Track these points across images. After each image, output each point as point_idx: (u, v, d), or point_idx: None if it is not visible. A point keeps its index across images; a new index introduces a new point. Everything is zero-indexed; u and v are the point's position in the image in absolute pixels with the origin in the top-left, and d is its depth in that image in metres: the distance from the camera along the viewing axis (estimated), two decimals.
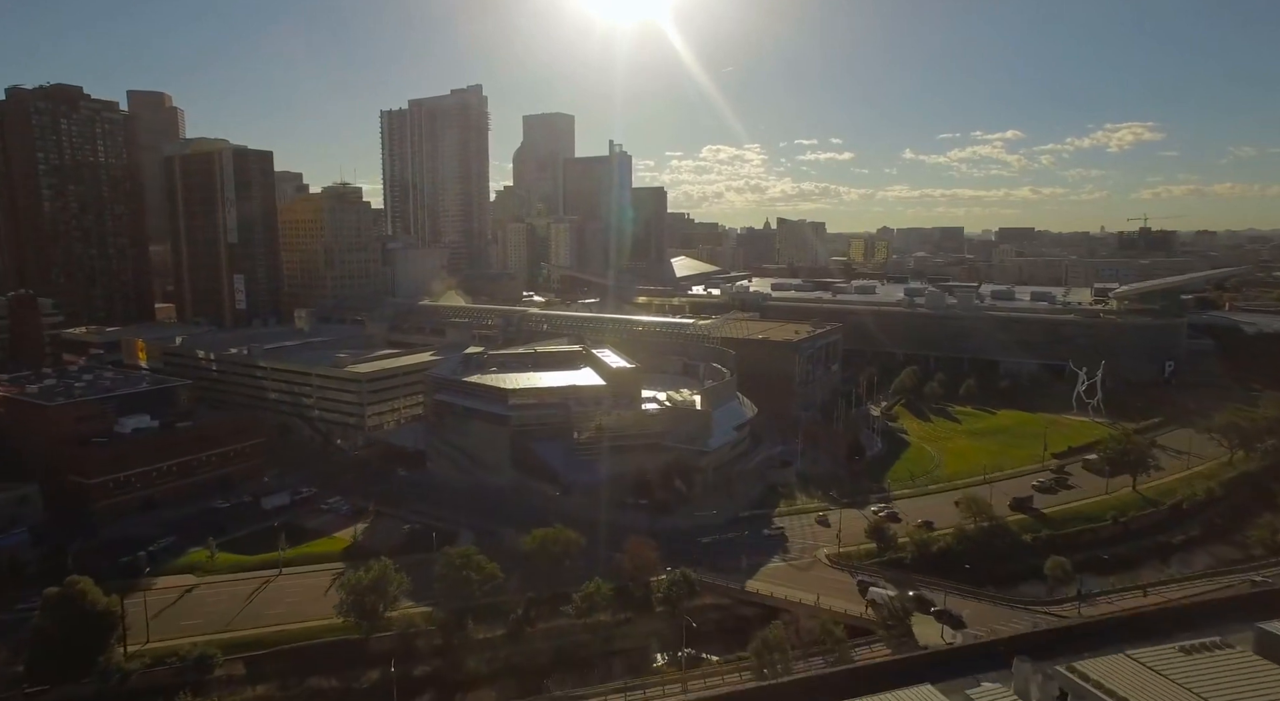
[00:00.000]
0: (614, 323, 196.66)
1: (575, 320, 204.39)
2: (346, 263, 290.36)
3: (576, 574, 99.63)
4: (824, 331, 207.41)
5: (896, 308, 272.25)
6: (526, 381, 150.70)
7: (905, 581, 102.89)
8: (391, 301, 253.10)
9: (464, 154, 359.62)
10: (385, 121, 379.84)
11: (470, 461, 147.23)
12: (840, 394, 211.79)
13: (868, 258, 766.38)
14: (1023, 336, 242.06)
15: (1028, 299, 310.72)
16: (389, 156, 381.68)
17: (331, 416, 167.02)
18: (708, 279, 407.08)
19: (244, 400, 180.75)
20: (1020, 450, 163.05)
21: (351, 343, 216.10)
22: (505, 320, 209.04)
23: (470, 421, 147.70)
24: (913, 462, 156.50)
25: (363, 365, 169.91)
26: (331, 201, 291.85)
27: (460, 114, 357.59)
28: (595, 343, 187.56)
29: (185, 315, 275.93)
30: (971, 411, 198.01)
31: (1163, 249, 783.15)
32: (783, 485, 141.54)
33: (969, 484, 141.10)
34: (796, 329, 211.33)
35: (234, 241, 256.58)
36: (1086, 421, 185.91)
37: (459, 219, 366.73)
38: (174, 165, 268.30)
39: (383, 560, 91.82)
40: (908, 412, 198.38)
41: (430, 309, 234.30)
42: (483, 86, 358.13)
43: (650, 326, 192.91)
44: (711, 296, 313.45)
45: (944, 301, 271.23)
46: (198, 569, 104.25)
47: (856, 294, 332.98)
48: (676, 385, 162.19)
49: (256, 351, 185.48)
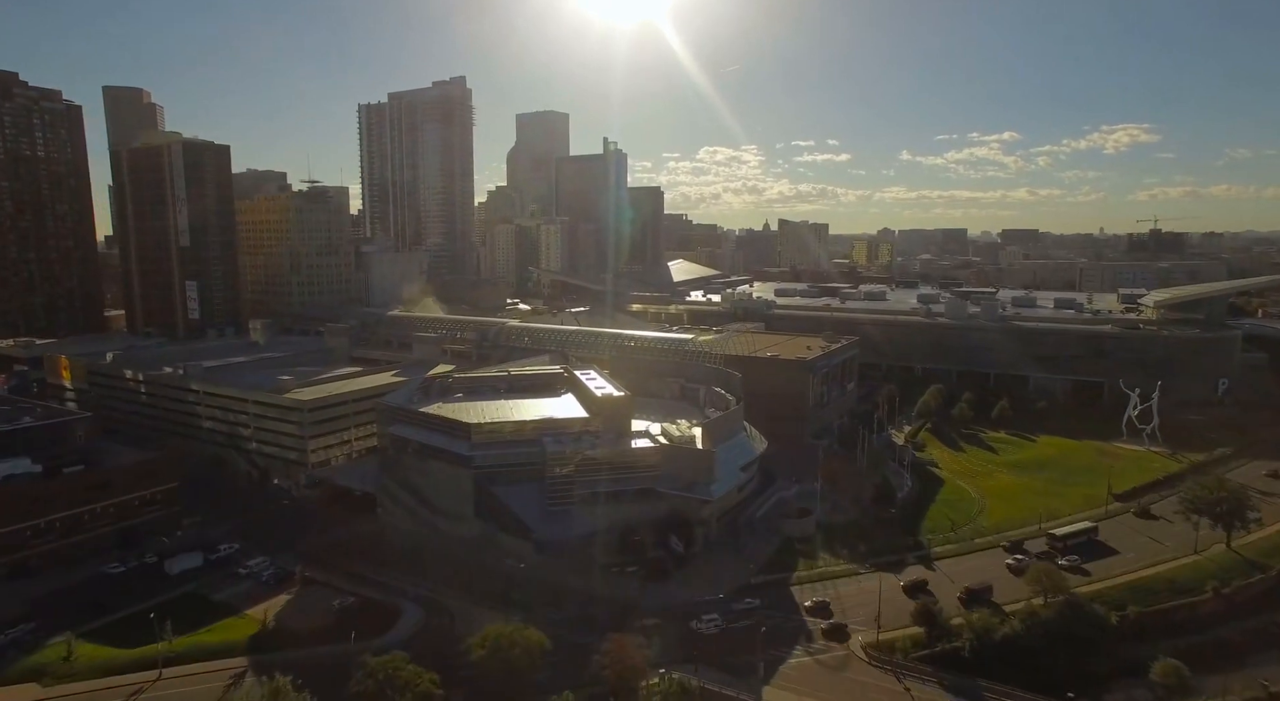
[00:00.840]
0: (603, 338, 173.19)
1: (560, 334, 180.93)
2: (315, 268, 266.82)
3: (542, 680, 76.46)
4: (839, 347, 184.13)
5: (914, 318, 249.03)
6: (495, 413, 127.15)
7: (968, 689, 79.60)
8: (358, 311, 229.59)
9: (446, 150, 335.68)
10: (363, 116, 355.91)
11: (427, 508, 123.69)
12: (858, 417, 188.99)
13: (871, 260, 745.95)
14: (1056, 350, 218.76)
15: (1051, 306, 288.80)
16: (367, 154, 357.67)
17: (270, 450, 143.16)
18: (707, 283, 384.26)
19: (175, 429, 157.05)
20: (1073, 488, 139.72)
21: (308, 358, 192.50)
22: (480, 334, 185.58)
23: (428, 461, 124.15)
24: (951, 506, 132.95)
25: (307, 390, 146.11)
26: (299, 201, 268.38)
27: (442, 107, 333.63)
28: (581, 361, 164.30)
29: (136, 325, 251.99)
30: (1007, 438, 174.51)
31: (1174, 251, 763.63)
32: (801, 539, 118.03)
33: (1024, 535, 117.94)
34: (809, 344, 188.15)
35: (186, 244, 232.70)
36: (1141, 451, 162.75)
37: (441, 220, 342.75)
38: (121, 160, 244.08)
39: (277, 679, 68.18)
40: (935, 440, 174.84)
41: (399, 320, 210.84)
42: (466, 78, 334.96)
43: (644, 342, 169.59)
44: (711, 304, 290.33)
45: (965, 311, 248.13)
46: (46, 673, 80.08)
47: (866, 300, 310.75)
48: (673, 414, 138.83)
49: (194, 371, 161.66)
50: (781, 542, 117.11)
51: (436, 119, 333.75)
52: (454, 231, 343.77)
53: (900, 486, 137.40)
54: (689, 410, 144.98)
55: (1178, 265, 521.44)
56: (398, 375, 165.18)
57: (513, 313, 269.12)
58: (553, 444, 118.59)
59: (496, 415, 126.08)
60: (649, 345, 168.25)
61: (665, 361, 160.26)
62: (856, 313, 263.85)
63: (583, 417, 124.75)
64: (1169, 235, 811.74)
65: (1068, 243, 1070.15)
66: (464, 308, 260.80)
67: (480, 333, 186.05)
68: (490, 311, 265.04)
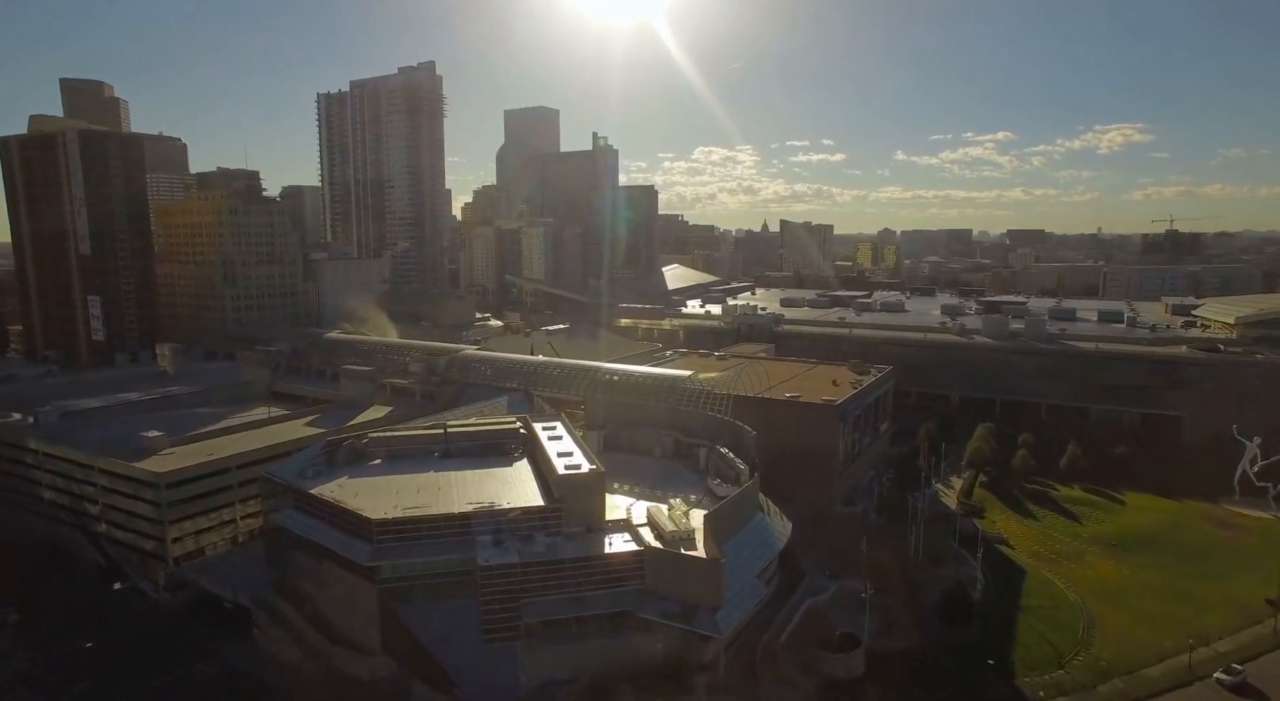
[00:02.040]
0: (578, 373, 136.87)
1: (525, 367, 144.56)
2: (254, 279, 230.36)
3: None
4: (873, 381, 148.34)
5: (948, 337, 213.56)
6: (417, 494, 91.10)
7: None
8: (293, 331, 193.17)
9: (414, 145, 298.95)
10: (322, 107, 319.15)
11: (321, 633, 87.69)
12: (893, 464, 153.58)
13: (876, 263, 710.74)
14: (1123, 379, 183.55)
15: (1095, 319, 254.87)
16: (327, 149, 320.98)
17: (123, 535, 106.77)
18: (705, 291, 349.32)
19: (14, 499, 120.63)
20: (1204, 583, 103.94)
21: (219, 395, 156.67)
22: (428, 364, 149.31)
23: (323, 564, 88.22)
24: (1045, 617, 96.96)
25: (178, 452, 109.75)
26: (235, 201, 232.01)
27: (408, 96, 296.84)
28: (550, 402, 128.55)
29: (36, 348, 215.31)
30: (1085, 497, 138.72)
31: (1192, 252, 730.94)
32: (847, 681, 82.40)
33: (1175, 686, 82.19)
34: (833, 375, 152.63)
35: (87, 252, 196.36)
36: (1269, 518, 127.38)
37: (409, 223, 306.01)
38: (10, 151, 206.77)
39: None
40: (995, 499, 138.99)
41: (337, 344, 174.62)
42: (435, 63, 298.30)
43: (630, 380, 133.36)
44: (710, 317, 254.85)
45: (1005, 328, 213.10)
46: None
47: (884, 312, 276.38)
48: (665, 483, 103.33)
49: (48, 418, 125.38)
50: (818, 692, 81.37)
51: (402, 109, 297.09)
52: (423, 236, 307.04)
53: (972, 585, 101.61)
54: (686, 479, 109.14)
55: (1207, 269, 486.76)
56: (313, 423, 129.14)
57: (481, 330, 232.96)
58: (489, 546, 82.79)
59: (417, 499, 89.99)
60: (636, 383, 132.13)
61: (656, 407, 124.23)
62: (878, 329, 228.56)
63: (538, 505, 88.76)
64: (1186, 236, 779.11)
65: (1072, 243, 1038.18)
66: (423, 325, 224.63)
67: (428, 363, 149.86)
68: (456, 328, 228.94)
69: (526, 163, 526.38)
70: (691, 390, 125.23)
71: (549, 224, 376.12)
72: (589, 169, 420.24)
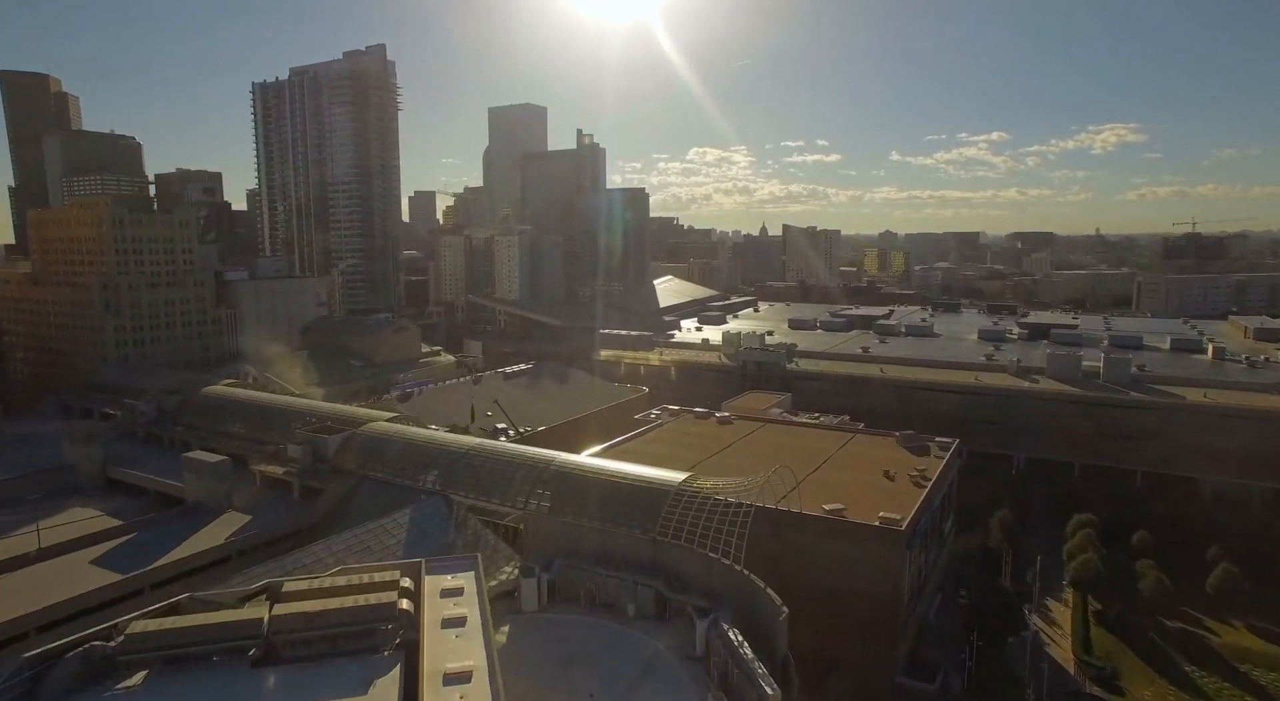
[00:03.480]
0: (521, 467, 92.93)
1: (448, 453, 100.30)
2: (147, 306, 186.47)
3: None
4: (941, 473, 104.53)
5: (1004, 379, 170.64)
6: None
7: None
8: (166, 379, 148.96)
9: (361, 141, 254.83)
10: (257, 98, 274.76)
11: None
12: (965, 582, 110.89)
13: (883, 269, 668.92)
14: (1252, 441, 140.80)
15: (1166, 347, 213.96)
16: (265, 147, 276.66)
17: None
18: (702, 308, 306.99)
19: None
20: None
21: (39, 483, 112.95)
22: (313, 446, 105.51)
23: None
24: None
25: None
26: (120, 209, 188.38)
27: (354, 85, 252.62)
28: (474, 520, 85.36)
29: None
30: (1256, 645, 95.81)
31: (1216, 257, 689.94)
32: None
33: None
34: (883, 458, 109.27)
35: None
36: None
37: (357, 234, 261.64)
38: None
39: None
40: (1124, 649, 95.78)
41: (215, 402, 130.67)
42: (386, 47, 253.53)
43: (594, 482, 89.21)
44: (709, 348, 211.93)
45: (1078, 369, 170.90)
46: None
47: (910, 336, 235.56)
48: None
49: None
50: None
51: (347, 100, 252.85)
52: (372, 247, 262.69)
53: None
54: (672, 682, 65.56)
55: (1253, 278, 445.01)
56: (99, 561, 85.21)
57: (427, 369, 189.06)
58: None
59: None
60: (602, 490, 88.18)
61: (629, 538, 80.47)
62: (912, 366, 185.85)
63: None
64: (1210, 239, 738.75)
65: (1080, 245, 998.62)
66: (354, 364, 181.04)
67: (314, 444, 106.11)
68: (395, 367, 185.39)
69: (512, 164, 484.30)
70: (687, 500, 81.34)
71: (526, 232, 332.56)
72: (572, 171, 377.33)
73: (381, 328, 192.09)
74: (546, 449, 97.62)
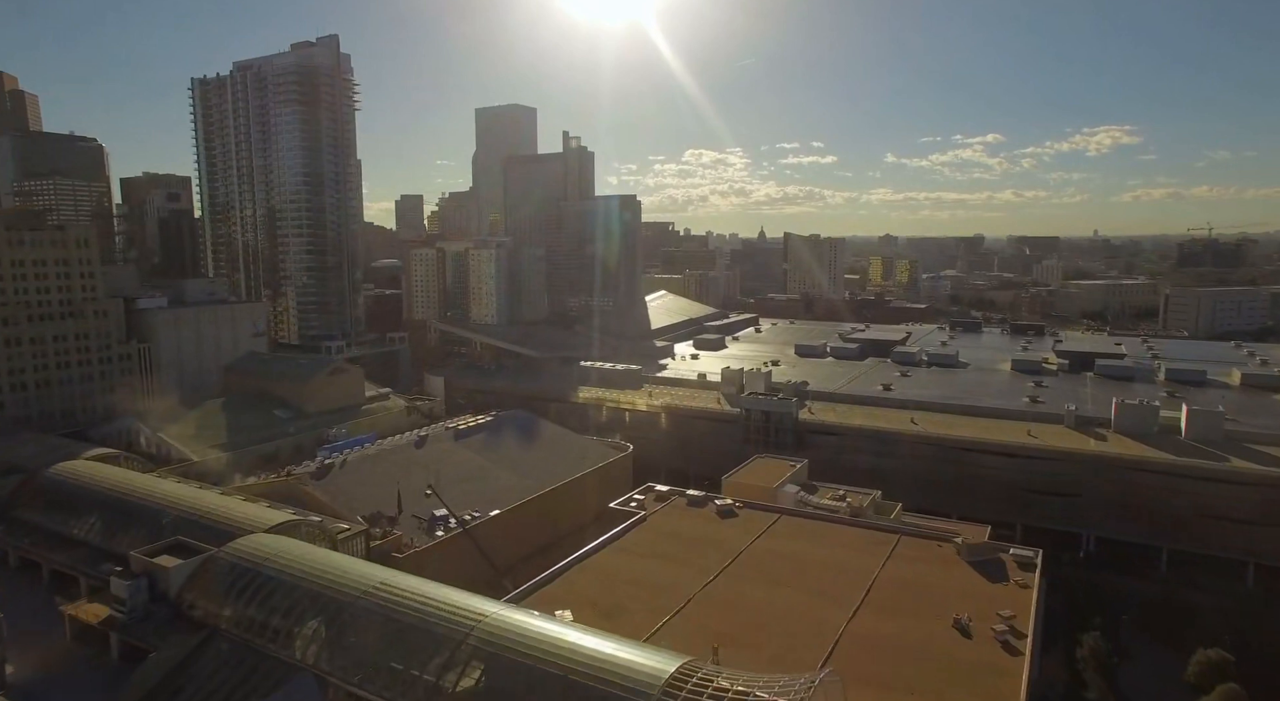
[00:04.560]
0: (438, 637, 62.33)
1: (336, 604, 68.92)
2: (31, 344, 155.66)
3: None
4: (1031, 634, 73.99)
5: (1065, 441, 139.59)
6: None
7: None
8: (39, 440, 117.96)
9: (311, 144, 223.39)
10: (196, 95, 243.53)
11: None
12: None
13: (887, 277, 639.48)
14: None
15: (1237, 382, 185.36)
16: (204, 151, 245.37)
17: None
18: (699, 329, 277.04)
19: None
20: None
21: None
22: (147, 579, 74.66)
23: None
24: None
25: None
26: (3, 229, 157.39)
27: (302, 81, 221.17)
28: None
29: None
30: None
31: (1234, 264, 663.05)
32: None
33: None
34: (959, 614, 77.91)
35: None
36: None
37: (307, 251, 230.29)
38: None
39: None
40: None
41: (67, 488, 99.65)
42: (339, 37, 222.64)
43: (549, 668, 58.34)
44: (707, 385, 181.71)
45: (1154, 422, 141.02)
46: None
47: (935, 369, 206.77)
48: None
49: None
50: None
51: (294, 97, 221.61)
52: (324, 265, 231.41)
53: None
54: None
55: None
56: None
57: (369, 419, 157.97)
58: None
59: None
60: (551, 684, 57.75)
61: None
62: (945, 413, 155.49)
63: None
64: (1227, 245, 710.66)
65: (1082, 248, 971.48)
66: (279, 415, 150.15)
67: (150, 576, 75.13)
68: (331, 417, 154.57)
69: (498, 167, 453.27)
70: None
71: (505, 244, 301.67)
72: (558, 176, 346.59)
73: (315, 371, 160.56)
74: (477, 597, 66.68)
